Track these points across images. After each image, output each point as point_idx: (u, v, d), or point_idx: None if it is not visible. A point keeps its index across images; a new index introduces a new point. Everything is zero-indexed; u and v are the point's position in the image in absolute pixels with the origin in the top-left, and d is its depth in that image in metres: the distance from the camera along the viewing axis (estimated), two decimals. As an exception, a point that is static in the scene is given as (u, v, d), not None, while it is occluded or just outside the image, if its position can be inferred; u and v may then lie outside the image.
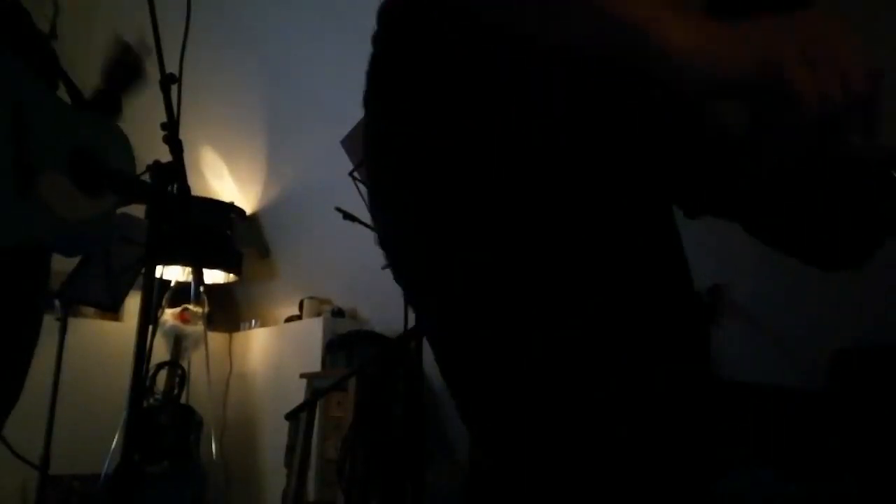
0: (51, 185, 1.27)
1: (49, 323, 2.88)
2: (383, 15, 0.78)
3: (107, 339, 3.95)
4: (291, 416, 2.83)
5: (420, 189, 0.65)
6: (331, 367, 3.47)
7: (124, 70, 1.39)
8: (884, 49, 1.85)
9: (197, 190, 1.25)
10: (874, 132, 0.55)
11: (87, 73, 1.51)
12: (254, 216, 4.26)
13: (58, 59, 1.45)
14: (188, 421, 3.60)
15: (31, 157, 1.23)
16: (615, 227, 0.61)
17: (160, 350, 3.69)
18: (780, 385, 1.58)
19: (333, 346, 3.51)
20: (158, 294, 3.74)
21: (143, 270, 1.15)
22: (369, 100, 0.77)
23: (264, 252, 1.98)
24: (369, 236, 2.19)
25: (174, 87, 1.13)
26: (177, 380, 3.64)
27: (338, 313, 3.90)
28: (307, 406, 2.91)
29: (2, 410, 1.34)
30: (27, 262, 1.33)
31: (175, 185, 1.15)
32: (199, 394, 3.86)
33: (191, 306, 3.87)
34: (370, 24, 0.74)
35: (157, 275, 2.95)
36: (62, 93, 1.40)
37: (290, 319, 4.13)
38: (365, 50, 0.76)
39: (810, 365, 1.98)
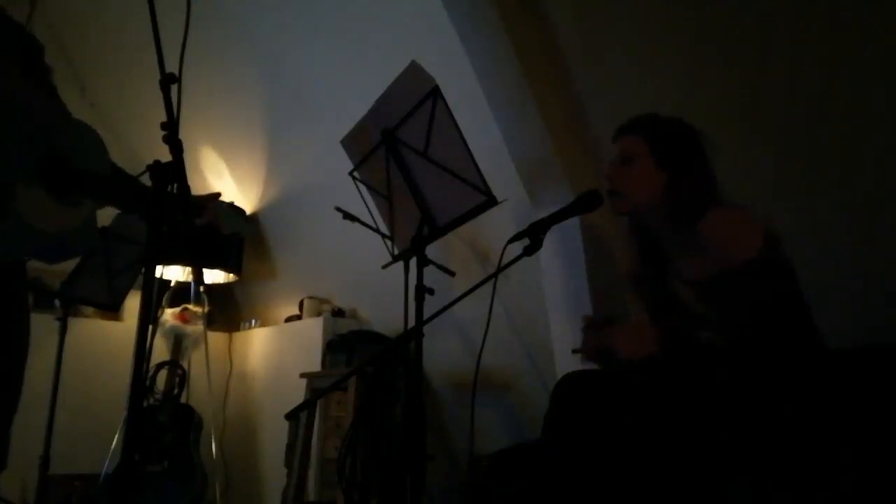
0: (28, 202, 1.26)
1: (49, 323, 2.91)
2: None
3: (107, 339, 3.94)
4: (291, 415, 2.83)
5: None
6: (331, 367, 3.47)
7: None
8: (883, 48, 1.85)
9: (197, 190, 1.25)
10: None
11: (85, 70, 1.51)
12: (254, 216, 4.26)
13: (42, 55, 1.43)
14: (188, 421, 3.60)
15: (5, 176, 1.22)
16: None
17: (160, 350, 3.69)
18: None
19: (333, 346, 3.51)
20: (158, 294, 3.74)
21: (143, 270, 1.15)
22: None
23: (246, 231, 1.99)
24: (369, 236, 2.19)
25: (174, 87, 1.13)
26: (177, 380, 3.64)
27: (338, 313, 3.90)
28: (307, 406, 2.91)
29: (2, 420, 1.34)
30: (5, 275, 1.32)
31: (175, 185, 1.15)
32: (199, 394, 3.86)
33: (191, 306, 3.87)
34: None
35: (157, 275, 2.96)
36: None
37: (290, 319, 4.13)
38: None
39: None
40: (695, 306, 1.54)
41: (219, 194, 1.70)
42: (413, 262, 1.85)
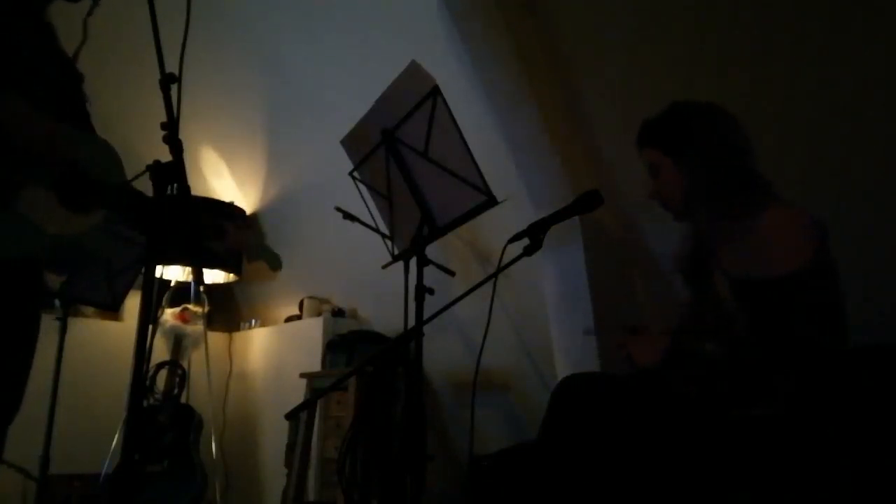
0: (34, 201, 1.26)
1: (49, 323, 2.90)
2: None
3: (107, 339, 3.94)
4: (291, 415, 2.82)
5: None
6: (331, 367, 3.47)
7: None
8: (883, 47, 1.85)
9: (197, 190, 1.25)
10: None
11: (85, 70, 1.52)
12: (254, 216, 4.25)
13: (81, 85, 1.47)
14: (188, 421, 3.60)
15: (12, 172, 1.23)
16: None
17: (160, 350, 3.69)
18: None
19: (333, 346, 3.51)
20: (158, 294, 3.74)
21: (143, 270, 1.15)
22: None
23: (276, 265, 1.99)
24: (369, 236, 2.19)
25: (174, 87, 1.13)
26: (177, 379, 3.63)
27: (338, 313, 3.90)
28: (307, 406, 2.91)
29: (2, 420, 1.34)
30: (19, 274, 1.32)
31: (175, 185, 1.15)
32: (199, 394, 3.86)
33: (191, 306, 3.86)
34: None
35: (157, 275, 2.96)
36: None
37: (290, 319, 4.13)
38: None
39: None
40: (729, 303, 1.54)
41: (244, 222, 1.75)
42: (413, 262, 1.85)
